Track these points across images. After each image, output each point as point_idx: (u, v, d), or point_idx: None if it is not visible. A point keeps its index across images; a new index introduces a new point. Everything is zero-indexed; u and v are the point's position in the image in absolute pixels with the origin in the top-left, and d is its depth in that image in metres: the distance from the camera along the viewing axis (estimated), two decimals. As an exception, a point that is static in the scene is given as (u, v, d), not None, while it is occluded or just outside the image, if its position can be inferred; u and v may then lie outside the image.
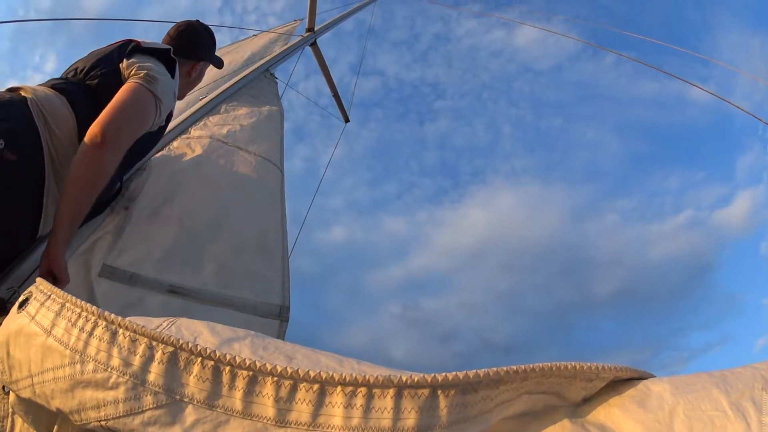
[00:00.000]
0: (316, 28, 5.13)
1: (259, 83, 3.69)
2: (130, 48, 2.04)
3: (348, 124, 6.58)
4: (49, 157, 1.72)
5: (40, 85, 1.87)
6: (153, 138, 2.12)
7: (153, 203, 2.33)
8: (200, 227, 2.37)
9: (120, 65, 1.96)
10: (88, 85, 1.93)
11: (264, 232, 2.54)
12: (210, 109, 3.09)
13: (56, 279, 1.66)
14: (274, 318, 2.29)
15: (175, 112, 2.58)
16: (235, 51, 4.55)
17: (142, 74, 1.90)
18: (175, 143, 2.72)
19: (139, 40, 2.12)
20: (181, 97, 2.30)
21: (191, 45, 2.40)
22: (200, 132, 2.87)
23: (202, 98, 3.16)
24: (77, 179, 1.66)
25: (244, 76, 3.60)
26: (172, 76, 2.08)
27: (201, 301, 2.14)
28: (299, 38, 4.83)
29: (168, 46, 2.17)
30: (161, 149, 2.62)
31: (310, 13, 5.04)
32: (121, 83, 1.89)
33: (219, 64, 2.59)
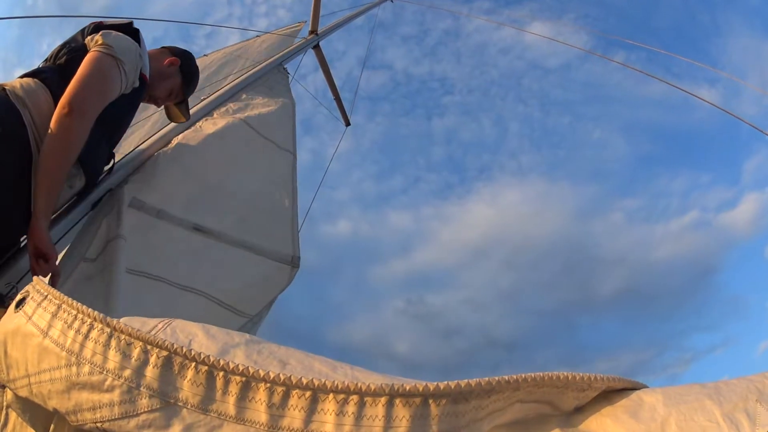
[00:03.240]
0: (319, 31, 5.15)
1: (273, 76, 3.90)
2: (93, 27, 2.15)
3: (351, 123, 6.67)
4: (33, 134, 1.81)
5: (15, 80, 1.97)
6: (131, 101, 2.20)
7: (183, 158, 2.59)
8: (223, 185, 2.67)
9: (85, 42, 2.06)
10: (58, 65, 2.03)
11: (277, 197, 2.86)
12: (231, 95, 3.31)
13: (45, 256, 1.71)
14: (287, 264, 2.63)
15: (198, 100, 2.96)
16: (245, 49, 4.71)
17: (100, 42, 2.00)
18: (200, 123, 2.93)
19: (101, 20, 2.23)
20: (151, 82, 2.34)
21: (177, 49, 2.56)
22: (223, 115, 3.11)
23: (223, 87, 3.38)
24: (48, 150, 1.78)
25: (260, 68, 3.82)
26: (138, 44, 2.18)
27: (222, 241, 2.42)
28: (302, 40, 4.85)
29: (130, 20, 2.27)
30: (188, 128, 2.84)
31: (314, 16, 5.07)
32: None
33: (190, 90, 2.62)
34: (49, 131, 1.79)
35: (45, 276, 1.73)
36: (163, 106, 2.66)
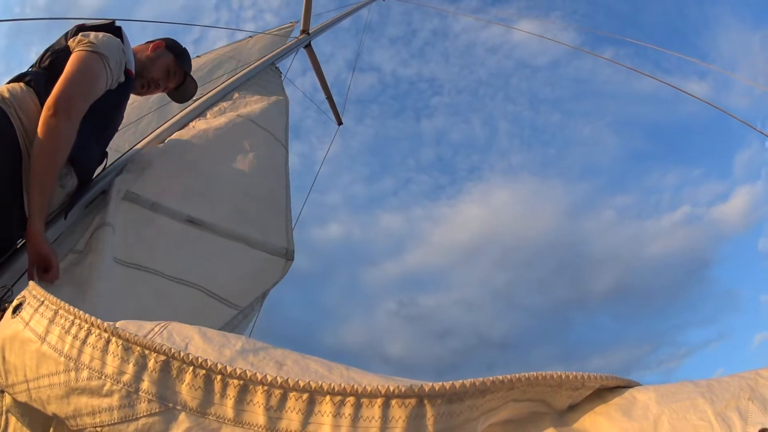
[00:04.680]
0: (310, 30, 5.15)
1: (266, 75, 3.88)
2: (75, 29, 2.15)
3: (341, 125, 6.67)
4: (21, 135, 1.83)
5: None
6: (118, 97, 2.21)
7: (176, 151, 2.61)
8: (217, 176, 2.65)
9: (68, 44, 2.07)
10: (43, 68, 2.05)
11: (272, 188, 2.83)
12: (223, 95, 3.29)
13: (45, 261, 1.70)
14: (281, 257, 2.60)
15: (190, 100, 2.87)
16: (237, 50, 4.70)
17: (84, 41, 2.03)
18: (193, 123, 2.93)
19: (84, 22, 2.24)
20: (142, 69, 2.38)
21: (158, 39, 2.57)
22: (216, 114, 3.12)
23: (215, 87, 3.36)
24: (37, 152, 1.80)
25: (253, 67, 3.79)
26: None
27: (216, 233, 2.41)
28: (294, 40, 4.85)
29: (112, 20, 2.29)
30: (180, 128, 2.84)
31: (305, 16, 5.07)
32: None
33: (187, 64, 2.64)
34: (37, 133, 1.80)
35: (50, 282, 1.71)
36: (171, 98, 2.70)
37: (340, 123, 6.64)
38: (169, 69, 2.52)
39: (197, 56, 4.46)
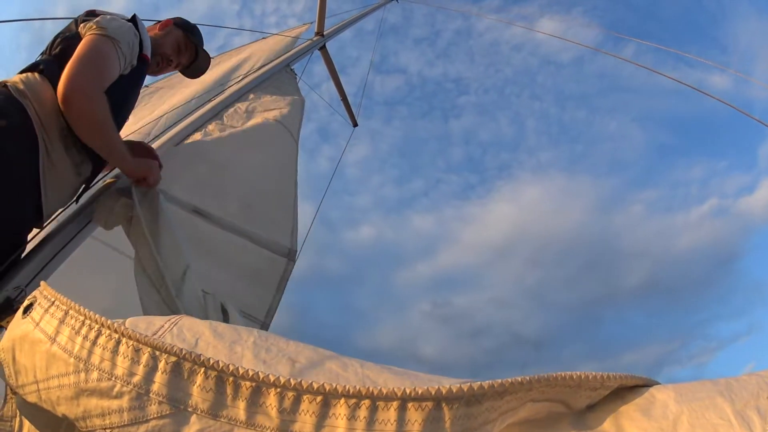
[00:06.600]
0: (325, 32, 5.15)
1: (281, 77, 3.91)
2: (85, 14, 2.15)
3: (356, 126, 6.71)
4: (38, 126, 1.81)
5: None
6: (131, 82, 2.20)
7: (190, 149, 2.68)
8: (229, 172, 2.70)
9: (78, 30, 2.06)
10: (54, 55, 2.03)
11: (280, 188, 2.88)
12: (239, 96, 3.31)
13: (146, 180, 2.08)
14: (284, 256, 2.63)
15: (203, 100, 3.05)
16: (251, 51, 4.72)
17: (92, 26, 2.01)
18: (210, 126, 2.95)
19: (94, 8, 2.23)
20: (153, 47, 2.39)
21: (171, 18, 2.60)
22: (232, 116, 3.13)
23: (229, 87, 3.41)
24: (83, 132, 1.87)
25: (268, 69, 3.82)
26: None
27: (221, 226, 2.44)
28: (308, 42, 4.85)
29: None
30: (197, 130, 2.88)
31: (320, 17, 5.07)
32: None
33: (197, 38, 2.63)
34: (71, 123, 1.84)
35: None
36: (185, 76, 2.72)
37: (355, 125, 6.70)
38: (180, 44, 2.53)
39: (210, 57, 4.49)
